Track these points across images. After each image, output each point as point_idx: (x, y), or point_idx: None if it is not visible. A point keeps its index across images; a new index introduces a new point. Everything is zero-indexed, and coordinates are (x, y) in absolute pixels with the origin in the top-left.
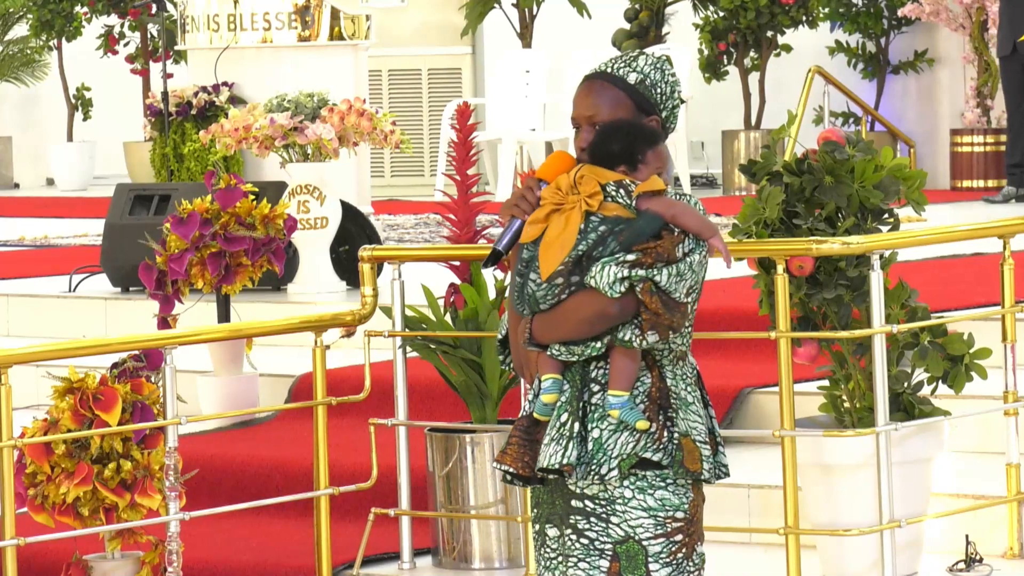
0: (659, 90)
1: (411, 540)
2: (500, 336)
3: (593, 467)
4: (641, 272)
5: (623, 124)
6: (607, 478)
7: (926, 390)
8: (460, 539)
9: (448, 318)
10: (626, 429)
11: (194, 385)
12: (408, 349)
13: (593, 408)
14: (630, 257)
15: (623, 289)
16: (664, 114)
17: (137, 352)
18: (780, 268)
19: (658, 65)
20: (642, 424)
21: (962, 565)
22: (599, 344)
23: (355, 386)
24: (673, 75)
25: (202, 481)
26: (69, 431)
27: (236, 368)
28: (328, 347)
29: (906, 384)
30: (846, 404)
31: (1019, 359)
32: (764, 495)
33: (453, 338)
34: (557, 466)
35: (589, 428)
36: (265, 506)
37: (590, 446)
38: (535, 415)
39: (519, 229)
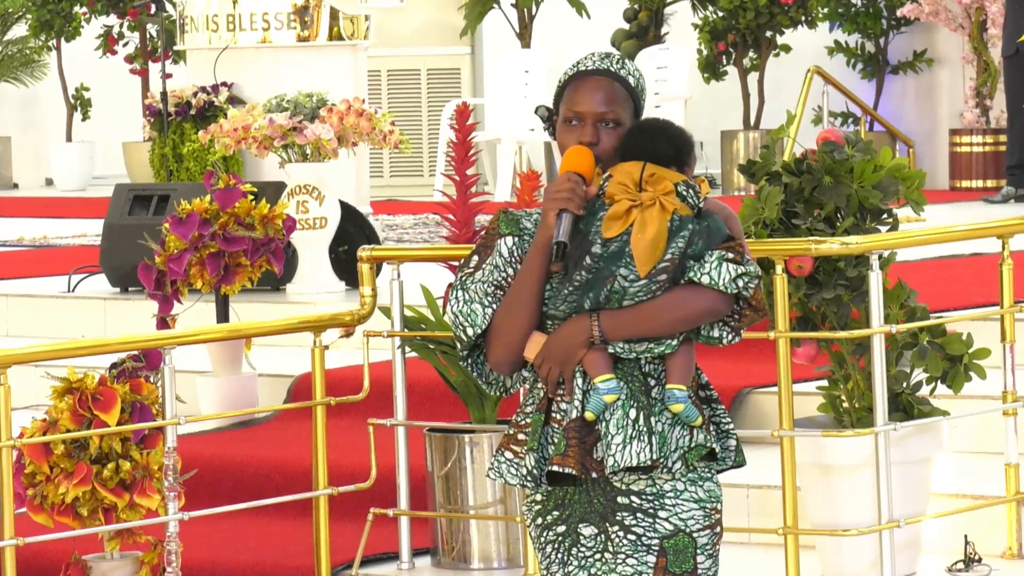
0: (643, 96)
1: (410, 540)
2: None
3: (660, 461)
4: (752, 268)
5: (665, 125)
6: (674, 470)
7: (925, 390)
8: (459, 539)
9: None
10: (678, 423)
11: (193, 385)
12: (407, 349)
13: (653, 402)
14: (730, 255)
15: (741, 286)
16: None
17: (136, 352)
18: (779, 268)
19: (640, 71)
20: (699, 420)
21: (961, 565)
22: (674, 341)
23: (354, 386)
24: None
25: (201, 481)
26: (68, 431)
27: (235, 368)
28: (327, 347)
29: (905, 384)
30: (845, 404)
31: (1018, 359)
32: (763, 495)
33: (452, 338)
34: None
35: (653, 423)
36: (264, 506)
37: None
38: (588, 414)
39: (571, 222)
